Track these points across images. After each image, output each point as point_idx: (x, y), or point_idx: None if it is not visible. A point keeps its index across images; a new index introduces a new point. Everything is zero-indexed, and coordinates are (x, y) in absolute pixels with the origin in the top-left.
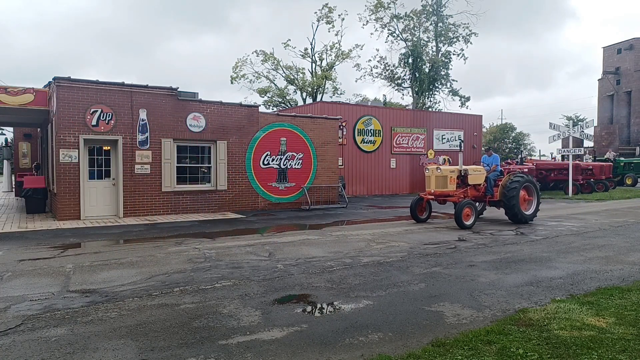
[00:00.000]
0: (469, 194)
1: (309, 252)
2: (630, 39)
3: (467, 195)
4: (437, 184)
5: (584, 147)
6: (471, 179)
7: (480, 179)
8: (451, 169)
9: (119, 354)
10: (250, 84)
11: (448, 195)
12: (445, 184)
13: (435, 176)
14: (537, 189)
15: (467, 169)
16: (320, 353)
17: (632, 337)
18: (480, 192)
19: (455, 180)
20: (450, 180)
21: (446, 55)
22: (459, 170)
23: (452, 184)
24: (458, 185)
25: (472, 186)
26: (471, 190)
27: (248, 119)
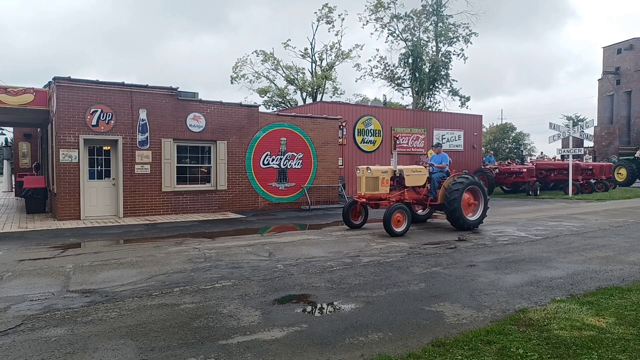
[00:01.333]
0: (407, 197)
1: (309, 252)
2: (630, 39)
3: (405, 199)
4: (367, 186)
5: (584, 147)
6: (409, 180)
7: (420, 180)
8: (383, 169)
9: (119, 354)
10: (250, 84)
11: (380, 198)
12: (377, 186)
13: (365, 177)
14: (484, 192)
15: (403, 170)
16: (320, 353)
17: (632, 337)
18: (422, 195)
19: (388, 182)
20: (382, 182)
21: (446, 55)
22: (392, 170)
23: (385, 186)
24: (393, 188)
25: (410, 188)
26: (410, 192)
27: (248, 119)
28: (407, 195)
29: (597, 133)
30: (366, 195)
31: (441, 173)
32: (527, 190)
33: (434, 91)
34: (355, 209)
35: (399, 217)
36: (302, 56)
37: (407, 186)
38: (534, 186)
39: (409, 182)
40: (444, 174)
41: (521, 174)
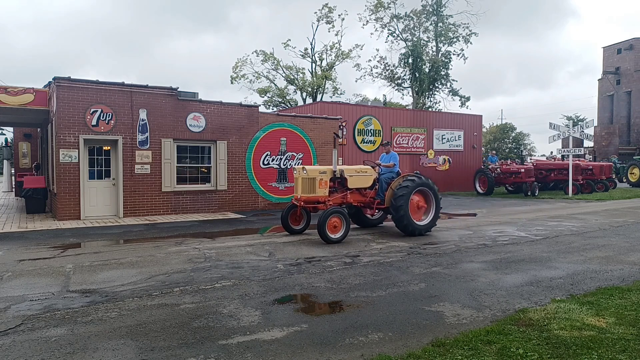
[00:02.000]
0: (351, 200)
1: (309, 252)
2: (630, 39)
3: (347, 201)
4: (303, 188)
5: (584, 147)
6: (352, 181)
7: (366, 181)
8: (321, 170)
9: (119, 354)
10: (250, 84)
11: (317, 201)
12: (314, 187)
13: (301, 178)
14: (436, 194)
15: (344, 170)
16: (320, 353)
17: (632, 337)
18: (368, 198)
19: (326, 184)
20: (319, 183)
21: (446, 55)
22: (332, 171)
23: (323, 188)
24: (334, 190)
25: (355, 190)
26: (355, 195)
27: (248, 119)
28: (351, 197)
29: (597, 133)
30: (302, 198)
31: (390, 174)
32: (524, 191)
33: (434, 91)
34: (296, 212)
35: (335, 222)
36: (302, 56)
37: (350, 188)
38: (531, 186)
39: (352, 184)
40: (394, 174)
41: (519, 174)
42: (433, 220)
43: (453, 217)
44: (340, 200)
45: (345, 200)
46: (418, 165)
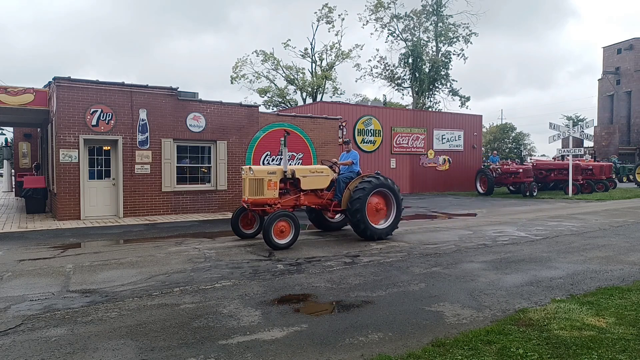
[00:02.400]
0: (305, 202)
1: (309, 252)
2: (630, 39)
3: (301, 204)
4: (251, 190)
5: (584, 147)
6: (306, 182)
7: (322, 182)
8: (270, 170)
9: (119, 354)
10: (250, 84)
11: (266, 203)
12: (262, 189)
13: (248, 179)
14: (397, 196)
15: (296, 170)
16: (320, 353)
17: (632, 337)
18: (325, 199)
19: (276, 185)
20: (268, 184)
21: (446, 55)
22: (282, 171)
23: (272, 190)
24: (286, 191)
25: (309, 192)
26: (310, 197)
27: (248, 119)
28: (306, 199)
29: (597, 133)
30: (249, 200)
31: (350, 174)
32: (522, 191)
33: (434, 91)
34: (247, 216)
35: (282, 226)
36: (302, 56)
37: (304, 189)
38: (529, 187)
39: (306, 185)
40: (354, 174)
41: (518, 174)
42: (394, 223)
43: (453, 217)
44: (293, 203)
45: (299, 202)
46: (418, 165)
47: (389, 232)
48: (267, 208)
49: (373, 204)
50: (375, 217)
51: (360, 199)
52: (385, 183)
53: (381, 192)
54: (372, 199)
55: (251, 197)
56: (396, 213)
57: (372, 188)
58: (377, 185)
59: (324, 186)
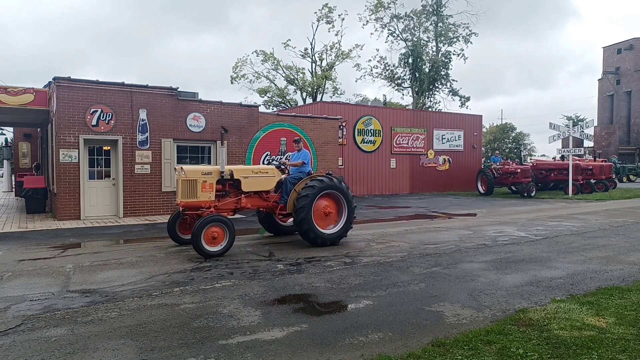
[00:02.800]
0: (248, 205)
1: (309, 252)
2: (630, 39)
3: (242, 207)
4: (184, 192)
5: (584, 147)
6: (248, 183)
7: (267, 183)
8: (205, 170)
9: (119, 354)
10: (250, 84)
11: (200, 207)
12: (195, 191)
13: (181, 180)
14: (349, 199)
15: (235, 170)
16: (320, 353)
17: (632, 337)
18: (271, 202)
19: (211, 186)
20: (202, 186)
21: (446, 55)
22: (219, 171)
23: (208, 192)
24: (225, 193)
25: (252, 194)
26: (253, 199)
27: (248, 119)
28: (248, 202)
29: (597, 133)
30: (181, 204)
31: (300, 174)
32: (520, 191)
33: (434, 91)
34: (186, 220)
35: (214, 232)
36: (302, 56)
37: (246, 191)
38: (526, 187)
39: (247, 186)
40: (304, 175)
41: (516, 174)
42: (344, 228)
43: (453, 217)
44: (233, 206)
45: (240, 205)
46: (418, 165)
47: (340, 237)
48: (202, 212)
49: (321, 208)
50: (325, 222)
51: (305, 203)
52: (334, 184)
53: (331, 194)
54: (321, 202)
55: (184, 199)
56: (347, 217)
57: (319, 190)
58: (325, 187)
59: (269, 188)
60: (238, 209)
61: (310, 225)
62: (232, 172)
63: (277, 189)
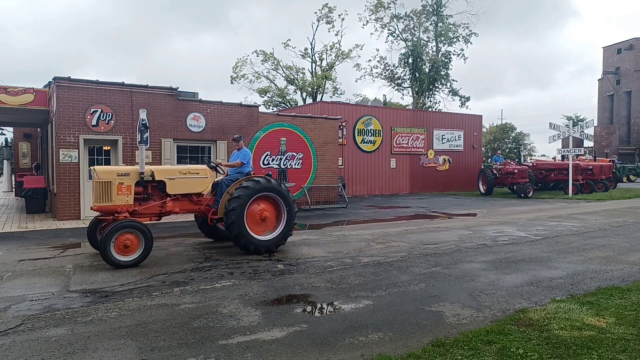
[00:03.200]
0: (176, 209)
1: (309, 252)
2: (630, 39)
3: (168, 211)
4: (97, 195)
5: (584, 147)
6: (174, 185)
7: (197, 185)
8: (121, 171)
9: (119, 354)
10: (250, 84)
11: (116, 211)
12: (110, 194)
13: (94, 182)
14: (289, 203)
15: (157, 171)
16: (320, 353)
17: (632, 337)
18: (204, 206)
19: (129, 189)
20: (118, 188)
21: (446, 55)
22: (137, 172)
23: (124, 195)
24: (148, 196)
25: (180, 197)
26: (181, 203)
27: (248, 119)
28: (176, 206)
29: (597, 133)
30: (95, 208)
31: (237, 175)
32: (517, 192)
33: (434, 91)
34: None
35: (127, 240)
36: (302, 56)
37: (172, 194)
38: (524, 187)
39: (174, 189)
40: (243, 176)
41: (514, 174)
42: (282, 235)
43: (453, 217)
44: (157, 210)
45: (165, 209)
46: (418, 165)
47: (277, 245)
48: (120, 216)
49: (257, 212)
50: (261, 227)
51: (237, 205)
52: (272, 186)
53: (268, 197)
54: (257, 205)
55: (97, 203)
56: (286, 222)
57: (254, 192)
58: (261, 188)
59: (199, 190)
60: (163, 214)
61: (241, 230)
62: (154, 172)
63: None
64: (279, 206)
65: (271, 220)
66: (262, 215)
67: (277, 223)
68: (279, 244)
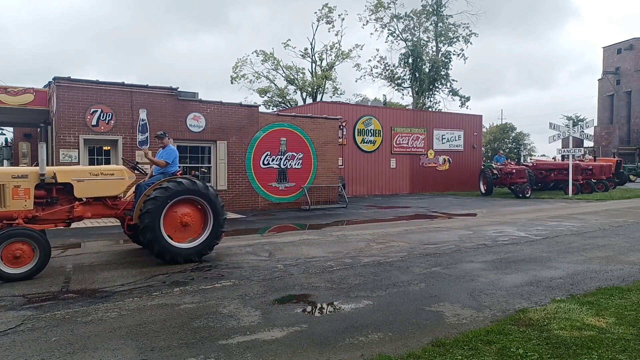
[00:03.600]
0: (86, 214)
1: (309, 252)
2: (630, 39)
3: (77, 216)
4: None
5: (584, 147)
6: (83, 188)
7: (112, 188)
8: (17, 172)
9: (119, 354)
10: (250, 84)
11: (11, 217)
12: (3, 198)
13: None
14: (216, 207)
15: (60, 172)
16: (320, 353)
17: (632, 337)
18: (120, 210)
19: (27, 192)
20: (13, 192)
21: (446, 55)
22: (37, 173)
23: (22, 199)
24: (53, 200)
25: (92, 200)
26: (94, 207)
27: (248, 119)
28: (87, 211)
29: (597, 133)
30: None
31: (161, 176)
32: (515, 192)
33: (434, 91)
34: None
35: (18, 250)
36: (302, 56)
37: (81, 198)
38: (522, 187)
39: (83, 192)
40: (168, 176)
41: (513, 174)
42: (206, 243)
43: (453, 217)
44: (64, 216)
45: (74, 215)
46: (418, 165)
47: (200, 254)
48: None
49: (177, 217)
50: (183, 234)
51: (152, 208)
52: (196, 189)
53: (192, 201)
54: (178, 209)
55: None
56: (212, 228)
57: (174, 194)
58: (183, 191)
59: (115, 193)
60: (72, 220)
61: (155, 235)
62: (56, 174)
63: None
64: (206, 211)
65: (195, 227)
66: (183, 221)
67: (203, 230)
68: (202, 253)
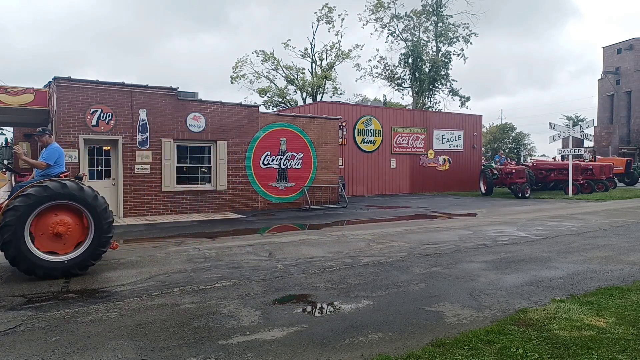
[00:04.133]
0: None
1: (309, 252)
2: (630, 39)
3: None
4: None
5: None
6: None
7: None
8: None
9: (119, 354)
10: (250, 84)
11: None
12: None
13: None
14: (98, 213)
15: None
16: (320, 353)
17: (632, 337)
18: None
19: None
20: None
21: (446, 55)
22: None
23: None
24: None
25: None
26: None
27: (248, 119)
28: None
29: (597, 133)
30: None
31: (41, 178)
32: (515, 192)
33: (434, 91)
34: None
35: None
36: (302, 56)
37: None
38: (521, 188)
39: None
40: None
41: (512, 174)
42: (87, 253)
43: (453, 217)
44: None
45: None
46: (418, 165)
47: (82, 266)
48: None
49: (49, 223)
50: (58, 245)
51: (12, 220)
52: (65, 193)
53: (68, 206)
54: (50, 217)
55: None
56: (93, 237)
57: (35, 203)
58: (48, 197)
59: None
60: None
61: (20, 251)
62: None
63: None
64: (85, 217)
65: (72, 236)
66: (57, 230)
67: (85, 239)
68: (85, 264)
